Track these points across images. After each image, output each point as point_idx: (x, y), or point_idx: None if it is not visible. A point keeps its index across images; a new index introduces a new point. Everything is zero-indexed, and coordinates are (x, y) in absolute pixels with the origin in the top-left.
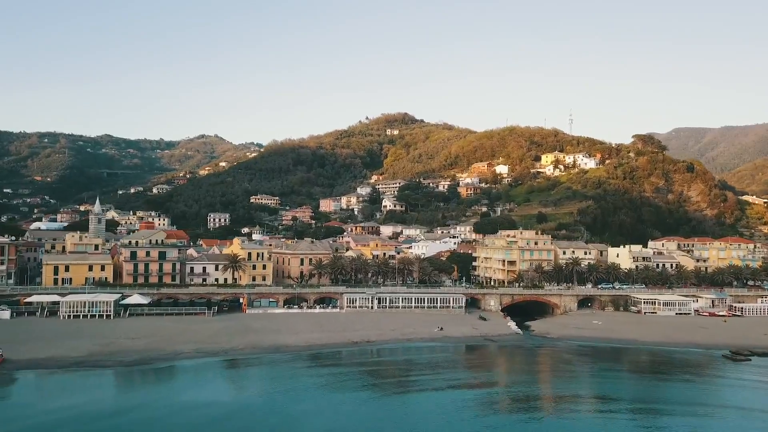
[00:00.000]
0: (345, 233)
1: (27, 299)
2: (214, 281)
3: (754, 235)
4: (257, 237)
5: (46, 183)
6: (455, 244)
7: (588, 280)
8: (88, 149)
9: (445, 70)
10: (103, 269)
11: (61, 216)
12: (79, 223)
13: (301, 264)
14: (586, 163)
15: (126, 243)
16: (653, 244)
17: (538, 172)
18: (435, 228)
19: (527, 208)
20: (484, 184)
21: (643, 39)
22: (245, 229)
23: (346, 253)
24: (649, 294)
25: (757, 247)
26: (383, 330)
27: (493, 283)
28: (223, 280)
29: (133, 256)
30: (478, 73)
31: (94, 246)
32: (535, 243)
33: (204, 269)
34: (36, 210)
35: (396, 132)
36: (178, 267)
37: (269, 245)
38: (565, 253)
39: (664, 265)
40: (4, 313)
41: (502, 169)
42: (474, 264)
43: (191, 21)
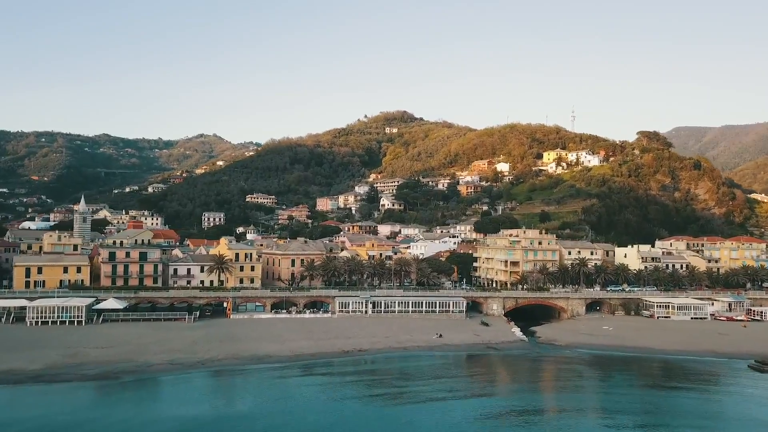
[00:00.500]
0: (341, 233)
1: None
2: (199, 284)
3: (764, 235)
4: (251, 237)
5: (43, 183)
6: (455, 243)
7: (595, 282)
8: (86, 149)
9: (445, 69)
10: (79, 271)
11: (54, 215)
12: (68, 223)
13: (291, 265)
14: (590, 160)
15: (106, 243)
16: (661, 243)
17: (540, 170)
18: (434, 227)
19: (529, 206)
20: (484, 183)
21: (643, 39)
22: (240, 229)
23: (341, 253)
24: (662, 297)
25: None
26: (377, 337)
27: (495, 285)
28: (209, 283)
29: (111, 257)
30: (478, 72)
31: (72, 246)
32: (539, 243)
33: (188, 271)
34: (30, 210)
35: (395, 130)
36: (161, 269)
37: (260, 245)
38: (570, 253)
39: (674, 265)
40: None
41: (503, 166)
42: (475, 265)
43: (190, 21)
